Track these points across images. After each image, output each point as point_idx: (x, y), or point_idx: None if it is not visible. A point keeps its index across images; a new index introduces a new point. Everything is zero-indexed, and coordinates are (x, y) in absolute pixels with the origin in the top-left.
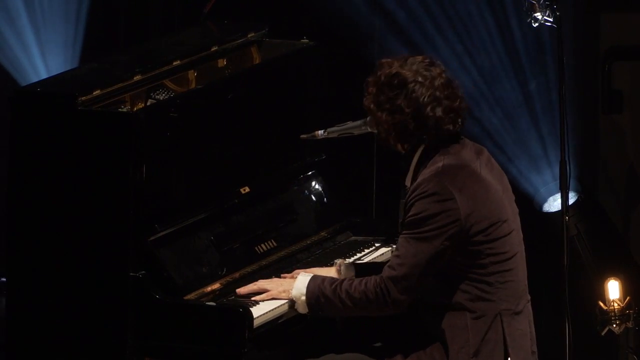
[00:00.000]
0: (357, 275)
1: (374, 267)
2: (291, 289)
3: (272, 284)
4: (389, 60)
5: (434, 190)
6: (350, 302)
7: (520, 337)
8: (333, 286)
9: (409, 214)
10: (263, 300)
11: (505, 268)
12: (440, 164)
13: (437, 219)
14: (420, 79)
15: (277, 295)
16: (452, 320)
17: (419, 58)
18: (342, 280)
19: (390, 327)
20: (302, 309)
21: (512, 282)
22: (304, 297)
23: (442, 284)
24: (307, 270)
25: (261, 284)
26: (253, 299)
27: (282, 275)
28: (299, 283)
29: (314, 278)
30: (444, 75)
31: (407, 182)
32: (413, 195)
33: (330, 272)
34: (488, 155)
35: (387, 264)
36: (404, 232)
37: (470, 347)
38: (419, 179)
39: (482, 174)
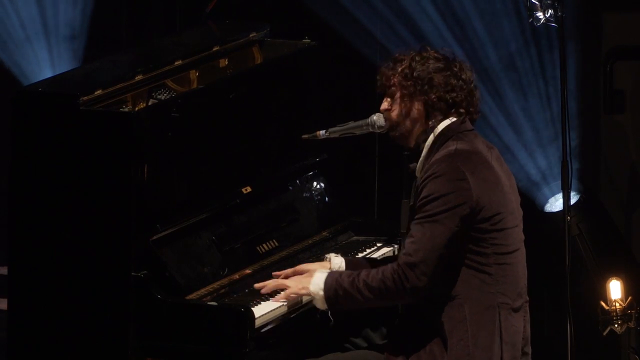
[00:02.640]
0: (347, 266)
1: (365, 262)
2: (309, 285)
3: (291, 281)
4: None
5: (446, 171)
6: (368, 292)
7: (514, 334)
8: (350, 278)
9: (422, 196)
10: (284, 299)
11: (506, 261)
12: (452, 148)
13: (449, 198)
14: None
15: (297, 292)
16: (451, 312)
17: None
18: (359, 272)
19: (390, 321)
20: (320, 304)
21: (512, 277)
22: (322, 292)
23: (444, 272)
24: (302, 265)
25: (281, 280)
26: (273, 300)
27: (273, 273)
28: (316, 279)
29: (332, 273)
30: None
31: (418, 173)
32: (425, 176)
33: (323, 265)
34: (498, 154)
35: (403, 251)
36: (417, 216)
37: (468, 338)
38: (432, 161)
39: (493, 164)
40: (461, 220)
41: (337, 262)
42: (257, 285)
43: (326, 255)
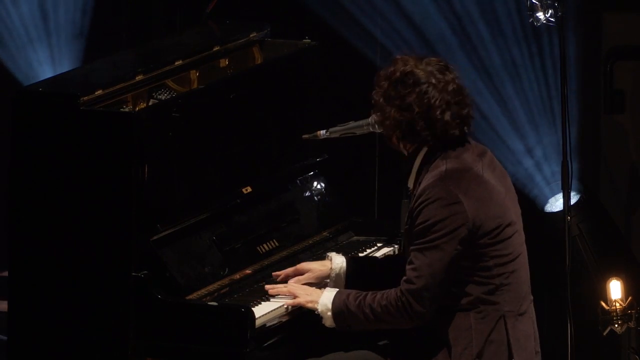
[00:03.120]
0: (348, 269)
1: (366, 262)
2: (318, 300)
3: (301, 291)
4: (404, 57)
5: (439, 195)
6: (374, 316)
7: (525, 338)
8: (357, 301)
9: (417, 222)
10: (291, 306)
11: (508, 270)
12: (443, 168)
13: (445, 223)
14: (433, 80)
15: (304, 303)
16: (456, 321)
17: (435, 60)
18: (366, 295)
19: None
20: (329, 323)
21: (516, 283)
22: (330, 313)
23: (448, 288)
24: (302, 264)
25: (291, 288)
26: (283, 303)
27: (273, 274)
28: (324, 299)
29: (339, 293)
30: (456, 81)
31: (410, 184)
32: (418, 202)
33: (324, 264)
34: (491, 156)
35: (404, 277)
36: (415, 243)
37: (473, 348)
38: (423, 185)
39: (485, 176)
40: (460, 243)
41: (338, 261)
42: (268, 287)
43: (327, 254)
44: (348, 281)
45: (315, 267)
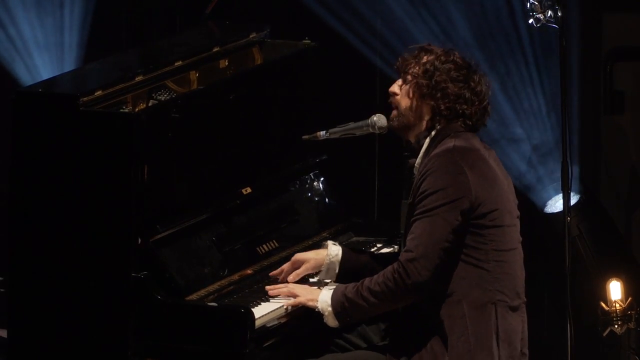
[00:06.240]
0: (343, 257)
1: (363, 254)
2: (317, 298)
3: (301, 290)
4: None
5: (444, 165)
6: (373, 297)
7: (512, 333)
8: (355, 288)
9: (420, 191)
10: (290, 305)
11: (503, 259)
12: (451, 145)
13: (448, 191)
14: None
15: (305, 302)
16: (450, 310)
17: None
18: (363, 281)
19: (390, 320)
20: (331, 321)
21: (510, 274)
22: (330, 309)
23: (442, 269)
24: (297, 255)
25: (291, 288)
26: (284, 304)
27: (270, 274)
28: (323, 296)
29: (337, 287)
30: None
31: (416, 171)
32: (423, 171)
33: (319, 253)
34: (495, 155)
35: (404, 248)
36: (417, 211)
37: (469, 335)
38: (429, 156)
39: (490, 162)
40: (461, 214)
41: (334, 249)
42: (268, 288)
43: (324, 242)
44: (341, 270)
45: (311, 257)
